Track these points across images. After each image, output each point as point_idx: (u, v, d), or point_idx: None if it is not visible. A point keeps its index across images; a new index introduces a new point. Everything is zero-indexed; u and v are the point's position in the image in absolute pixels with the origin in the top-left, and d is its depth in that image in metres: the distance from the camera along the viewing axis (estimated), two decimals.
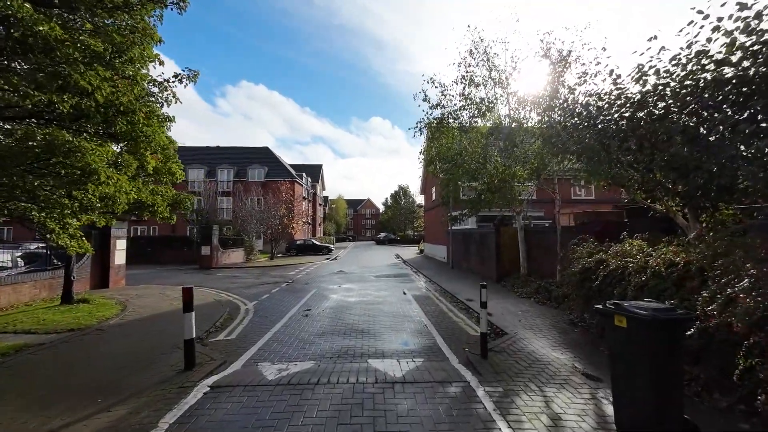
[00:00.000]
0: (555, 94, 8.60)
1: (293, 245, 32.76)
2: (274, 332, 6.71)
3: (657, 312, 2.98)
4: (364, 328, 6.95)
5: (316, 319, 7.68)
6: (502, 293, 10.26)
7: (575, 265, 6.76)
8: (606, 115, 6.02)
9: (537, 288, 9.61)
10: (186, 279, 15.26)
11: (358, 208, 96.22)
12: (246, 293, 11.34)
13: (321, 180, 56.19)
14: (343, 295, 10.67)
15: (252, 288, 12.47)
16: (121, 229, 12.87)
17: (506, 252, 12.54)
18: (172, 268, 20.43)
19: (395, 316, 7.91)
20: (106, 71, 4.27)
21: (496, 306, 8.47)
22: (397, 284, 13.00)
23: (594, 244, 7.03)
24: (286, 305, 9.28)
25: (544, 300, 8.78)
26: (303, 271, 18.33)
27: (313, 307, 8.93)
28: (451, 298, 10.20)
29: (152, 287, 12.54)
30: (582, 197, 22.96)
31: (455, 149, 10.98)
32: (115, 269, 12.55)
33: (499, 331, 6.54)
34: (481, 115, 10.83)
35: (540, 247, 11.18)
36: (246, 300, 10.18)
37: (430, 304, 9.29)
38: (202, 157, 39.54)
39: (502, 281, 12.12)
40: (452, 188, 10.94)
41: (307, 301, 9.87)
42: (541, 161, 9.63)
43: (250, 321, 7.69)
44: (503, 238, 12.56)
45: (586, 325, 6.48)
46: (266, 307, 9.07)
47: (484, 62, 11.11)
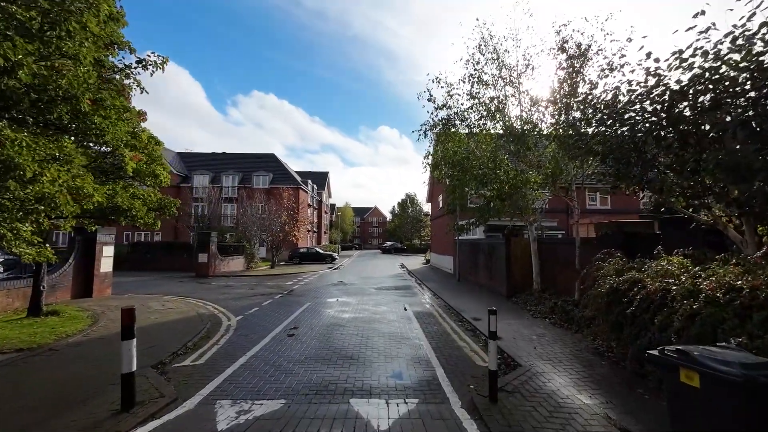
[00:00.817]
0: (574, 89, 7.70)
1: (296, 253, 32.03)
2: (250, 356, 5.83)
3: (751, 368, 2.02)
4: (354, 353, 6.02)
5: (302, 341, 6.78)
6: (513, 312, 9.24)
7: (601, 284, 5.78)
8: (639, 107, 5.10)
9: (552, 307, 8.57)
10: (176, 288, 14.53)
11: (365, 216, 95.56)
12: (234, 306, 10.52)
13: (327, 187, 55.70)
14: (338, 310, 9.76)
15: (243, 300, 11.64)
16: (108, 235, 12.23)
17: (517, 265, 11.52)
18: (168, 276, 19.78)
19: (392, 338, 6.97)
20: (32, 44, 3.56)
21: (506, 328, 7.47)
22: (399, 298, 12.05)
23: (623, 260, 6.04)
24: (273, 321, 8.41)
25: (562, 321, 7.74)
26: (302, 281, 17.48)
27: (301, 325, 8.04)
28: (456, 316, 9.21)
29: (138, 297, 11.81)
30: (597, 206, 21.80)
31: (462, 153, 10.10)
32: (100, 277, 11.86)
33: (511, 362, 5.55)
34: (491, 116, 9.95)
35: (555, 261, 10.15)
36: (232, 314, 9.35)
37: (433, 323, 8.32)
38: (207, 163, 39.39)
39: (513, 298, 11.07)
40: (458, 195, 10.05)
41: (297, 316, 8.99)
42: (557, 166, 8.68)
43: (228, 341, 6.83)
44: (514, 250, 11.55)
45: (616, 356, 5.46)
46: (251, 324, 8.21)
47: (493, 60, 10.28)
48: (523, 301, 10.24)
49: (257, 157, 41.04)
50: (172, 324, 7.90)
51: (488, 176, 9.17)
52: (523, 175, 9.13)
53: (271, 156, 41.18)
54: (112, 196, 7.81)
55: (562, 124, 8.00)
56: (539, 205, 10.08)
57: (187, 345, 6.41)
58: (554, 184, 8.53)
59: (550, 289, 10.17)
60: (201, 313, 9.15)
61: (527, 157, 9.27)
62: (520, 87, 9.94)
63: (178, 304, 10.29)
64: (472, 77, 10.04)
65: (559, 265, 9.96)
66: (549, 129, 8.55)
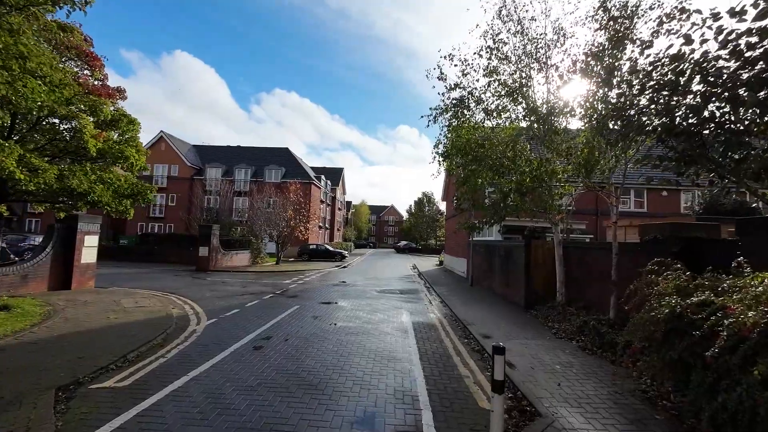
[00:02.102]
0: (617, 56, 6.12)
1: (305, 249, 31.17)
2: (191, 378, 4.65)
3: None
4: (324, 379, 4.74)
5: (267, 357, 5.56)
6: (531, 328, 7.71)
7: (654, 305, 4.24)
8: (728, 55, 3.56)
9: (581, 326, 6.99)
10: (168, 282, 13.71)
11: (381, 214, 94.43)
12: (215, 305, 9.46)
13: (342, 184, 54.80)
14: (326, 317, 8.52)
15: (228, 299, 10.59)
16: (92, 224, 11.43)
17: (538, 272, 9.93)
18: (168, 269, 19.17)
19: (378, 359, 5.64)
20: None
21: (522, 351, 5.99)
22: (401, 304, 10.69)
23: (686, 274, 4.46)
24: (246, 327, 7.25)
25: (593, 346, 6.18)
26: (302, 279, 16.39)
27: (276, 335, 6.84)
28: (462, 331, 7.77)
29: (118, 291, 10.97)
30: (630, 209, 19.59)
31: (476, 140, 8.62)
32: (80, 269, 11.09)
33: (526, 408, 4.10)
34: (511, 96, 8.42)
35: (584, 269, 8.54)
36: (206, 316, 8.28)
37: (433, 340, 6.93)
38: (221, 156, 39.20)
39: (531, 309, 9.51)
40: (470, 188, 8.59)
41: (277, 322, 7.81)
42: (592, 153, 7.08)
43: (180, 353, 5.69)
44: (535, 255, 9.96)
45: (675, 407, 3.93)
46: (219, 330, 7.08)
47: (517, 32, 8.73)
48: (543, 315, 8.68)
49: (271, 151, 40.53)
50: (129, 327, 6.86)
51: (506, 166, 7.66)
52: (549, 165, 7.58)
53: (284, 150, 40.56)
54: (66, 177, 6.82)
55: (601, 100, 6.42)
56: (567, 203, 8.45)
57: (128, 357, 5.30)
58: (588, 176, 6.94)
59: (576, 302, 8.56)
60: (171, 314, 8.11)
61: (554, 143, 7.69)
62: (549, 61, 8.35)
63: (153, 302, 9.32)
64: (490, 49, 8.54)
65: (588, 275, 8.34)
66: (582, 109, 6.97)
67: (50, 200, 7.60)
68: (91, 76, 8.47)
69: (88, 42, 8.98)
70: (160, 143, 36.72)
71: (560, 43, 8.23)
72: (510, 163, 7.68)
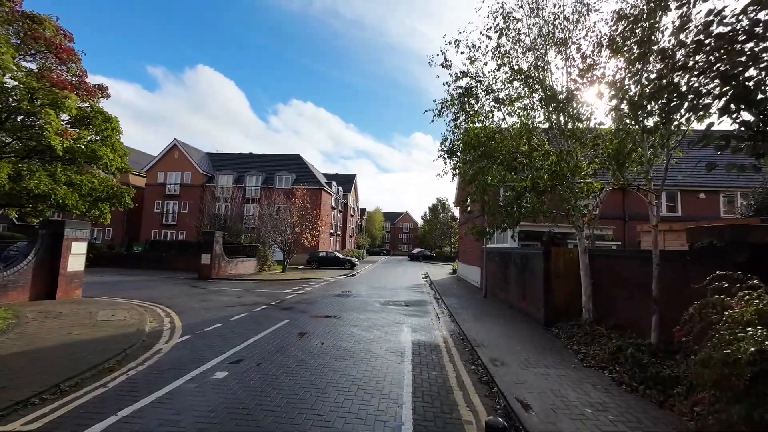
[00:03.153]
0: (658, 12, 4.98)
1: (315, 257, 30.47)
2: (120, 418, 3.74)
3: None
4: (283, 423, 3.74)
5: (226, 388, 4.60)
6: (552, 352, 6.49)
7: (727, 337, 3.06)
8: None
9: (615, 352, 5.73)
10: (163, 292, 13.07)
11: (395, 221, 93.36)
12: (198, 318, 8.64)
13: (354, 190, 54.18)
14: (315, 335, 7.53)
15: (217, 311, 9.77)
16: (80, 231, 10.92)
17: (560, 284, 8.66)
18: (171, 277, 18.71)
19: (360, 394, 4.59)
20: None
21: (541, 386, 4.82)
22: (404, 319, 9.59)
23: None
24: (218, 347, 6.35)
25: (632, 381, 4.92)
26: (303, 289, 15.50)
27: (249, 357, 5.89)
28: (469, 354, 6.62)
29: (103, 301, 10.33)
30: (663, 213, 17.78)
31: (485, 132, 7.53)
32: (66, 277, 10.54)
33: None
34: (525, 83, 7.32)
35: (615, 282, 7.26)
36: (182, 330, 7.45)
37: (433, 366, 5.82)
38: (232, 163, 39.24)
39: (552, 327, 8.24)
40: (479, 188, 7.48)
41: (256, 341, 6.88)
42: (623, 143, 5.88)
43: (128, 379, 4.82)
44: (556, 264, 8.71)
45: None
46: (188, 350, 6.21)
47: (531, 9, 7.67)
48: (567, 335, 7.41)
49: (282, 158, 40.32)
50: (87, 346, 6.07)
51: (519, 161, 6.54)
52: (571, 158, 6.41)
53: (295, 157, 40.27)
54: (23, 177, 6.16)
55: (634, 76, 5.27)
56: (594, 203, 7.20)
57: (62, 386, 4.45)
58: (620, 170, 5.71)
59: (606, 320, 7.27)
60: (143, 329, 7.31)
61: (576, 133, 6.53)
62: (569, 40, 7.22)
63: (131, 314, 8.58)
64: (500, 29, 7.49)
65: (621, 289, 7.06)
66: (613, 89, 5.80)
67: (12, 203, 6.99)
68: (67, 71, 7.97)
69: (67, 37, 8.50)
70: (173, 151, 37.08)
71: (583, 17, 7.10)
72: (524, 159, 6.56)
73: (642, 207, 17.93)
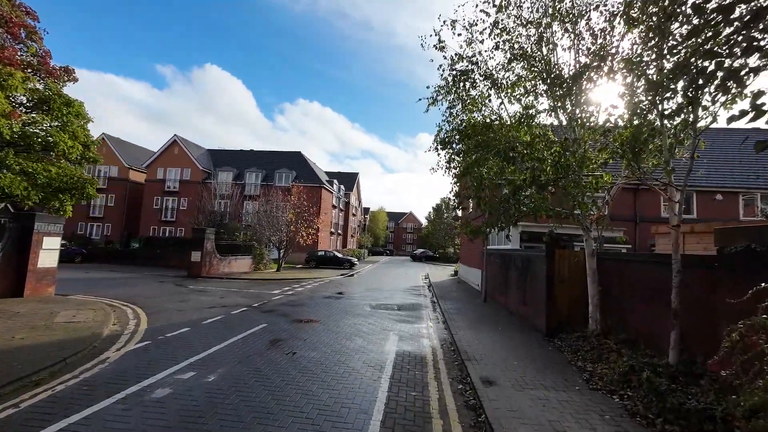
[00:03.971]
0: None
1: (313, 256, 29.80)
2: None
3: None
4: None
5: (159, 410, 3.88)
6: (554, 369, 5.67)
7: None
8: None
9: (627, 373, 4.89)
10: (143, 290, 12.45)
11: (399, 221, 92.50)
12: (167, 321, 7.96)
13: (357, 189, 53.47)
14: (288, 343, 6.80)
15: (191, 312, 9.09)
16: (53, 225, 10.31)
17: (564, 290, 7.83)
18: (159, 274, 18.15)
19: (320, 422, 3.84)
20: None
21: (538, 417, 4.01)
22: (394, 325, 8.83)
23: None
24: (174, 356, 5.64)
25: (648, 411, 4.08)
26: (294, 289, 14.80)
27: (204, 369, 5.17)
28: (459, 370, 5.83)
29: (73, 300, 9.72)
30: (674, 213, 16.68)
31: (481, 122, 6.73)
32: (36, 274, 9.94)
33: None
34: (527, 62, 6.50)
35: (627, 289, 6.42)
36: (143, 335, 6.77)
37: (414, 385, 5.04)
38: (233, 160, 38.78)
39: (555, 338, 7.41)
40: (474, 182, 6.67)
41: (220, 349, 6.16)
42: (639, 129, 5.03)
43: (49, 398, 4.13)
44: (560, 268, 7.88)
45: None
46: (140, 359, 5.51)
47: None
48: (571, 349, 6.58)
49: (283, 155, 39.77)
50: (27, 352, 5.39)
51: (519, 151, 5.73)
52: (578, 146, 5.58)
53: (296, 154, 39.69)
54: None
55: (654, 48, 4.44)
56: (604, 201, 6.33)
57: None
58: (635, 160, 4.86)
59: (616, 332, 6.43)
60: (100, 333, 6.63)
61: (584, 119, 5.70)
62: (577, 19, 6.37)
63: (95, 315, 7.93)
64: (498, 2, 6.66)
65: (634, 297, 6.22)
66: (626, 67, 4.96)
67: None
68: (26, 51, 7.35)
69: (30, 14, 7.87)
70: (173, 147, 36.71)
71: None
72: (524, 149, 5.74)
73: (655, 208, 17.01)
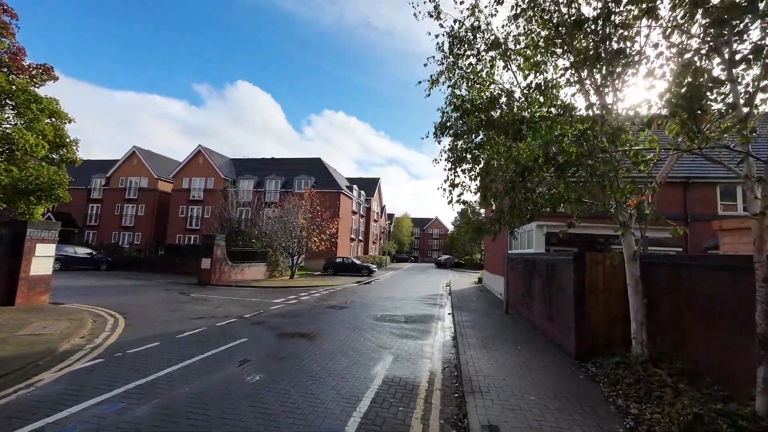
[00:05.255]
0: None
1: (331, 263, 29.08)
2: None
3: None
4: None
5: None
6: (583, 409, 4.26)
7: None
8: None
9: (691, 424, 3.45)
10: (142, 299, 12.02)
11: (425, 227, 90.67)
12: (146, 332, 7.25)
13: (378, 194, 52.59)
14: (255, 364, 5.81)
15: (176, 323, 8.36)
16: (47, 231, 10.05)
17: (598, 302, 6.33)
18: (172, 281, 17.95)
19: None
20: None
21: None
22: (393, 342, 7.64)
23: None
24: (121, 379, 4.80)
25: None
26: (300, 298, 13.92)
27: (136, 399, 4.26)
28: (457, 406, 4.56)
29: (60, 309, 9.31)
30: (739, 212, 14.21)
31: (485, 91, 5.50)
32: (28, 282, 9.66)
33: None
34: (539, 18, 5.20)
35: (683, 302, 4.89)
36: (104, 351, 6.03)
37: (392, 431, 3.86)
38: (254, 169, 39.17)
39: (588, 363, 5.93)
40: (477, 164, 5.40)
41: (177, 370, 5.26)
42: (698, 77, 3.62)
43: None
44: (592, 275, 6.40)
45: None
46: (76, 383, 4.71)
47: None
48: (608, 380, 5.11)
49: (302, 162, 39.70)
50: None
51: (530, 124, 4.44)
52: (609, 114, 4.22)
53: (316, 160, 39.47)
54: None
55: None
56: (651, 185, 4.83)
57: None
58: (695, 121, 3.42)
59: (671, 359, 4.92)
60: (55, 348, 5.95)
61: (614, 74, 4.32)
62: None
63: (68, 326, 7.34)
64: None
65: (693, 313, 4.69)
66: None
67: None
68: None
69: (7, 11, 7.60)
70: (198, 157, 37.62)
71: None
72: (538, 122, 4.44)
73: (710, 204, 14.61)
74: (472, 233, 5.46)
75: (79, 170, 43.78)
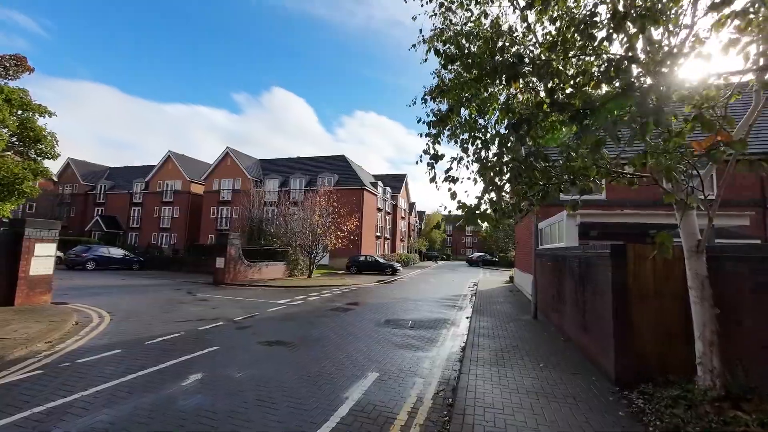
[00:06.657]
0: None
1: (354, 261, 28.31)
2: None
3: None
4: None
5: None
6: None
7: None
8: None
9: None
10: (145, 299, 11.74)
11: (457, 224, 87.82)
12: (115, 338, 6.64)
13: (405, 191, 51.17)
14: (213, 379, 4.88)
15: (159, 326, 7.74)
16: (46, 231, 9.94)
17: (647, 311, 4.75)
18: (187, 281, 17.90)
19: None
20: None
21: None
22: (388, 352, 6.47)
23: None
24: (19, 406, 4.06)
25: None
26: (308, 298, 13.09)
27: (32, 428, 3.44)
28: None
29: (59, 308, 9.07)
30: None
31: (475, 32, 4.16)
32: (29, 282, 9.55)
33: None
34: None
35: None
36: (54, 359, 5.40)
37: None
38: (279, 168, 39.39)
39: (632, 393, 4.39)
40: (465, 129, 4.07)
41: (101, 390, 4.46)
42: None
43: None
44: (638, 275, 4.83)
45: None
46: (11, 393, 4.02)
47: None
48: (662, 422, 3.60)
49: (326, 159, 39.32)
50: None
51: (533, 59, 3.08)
52: (650, 45, 2.76)
53: (340, 158, 38.93)
54: None
55: None
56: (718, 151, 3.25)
57: None
58: None
59: (760, 394, 3.32)
60: (1, 357, 5.42)
61: None
62: None
63: (41, 329, 6.89)
64: None
65: None
66: None
67: None
68: None
69: None
70: (226, 159, 38.45)
71: None
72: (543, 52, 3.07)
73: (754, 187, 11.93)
74: (465, 222, 4.11)
75: (122, 176, 46.68)
